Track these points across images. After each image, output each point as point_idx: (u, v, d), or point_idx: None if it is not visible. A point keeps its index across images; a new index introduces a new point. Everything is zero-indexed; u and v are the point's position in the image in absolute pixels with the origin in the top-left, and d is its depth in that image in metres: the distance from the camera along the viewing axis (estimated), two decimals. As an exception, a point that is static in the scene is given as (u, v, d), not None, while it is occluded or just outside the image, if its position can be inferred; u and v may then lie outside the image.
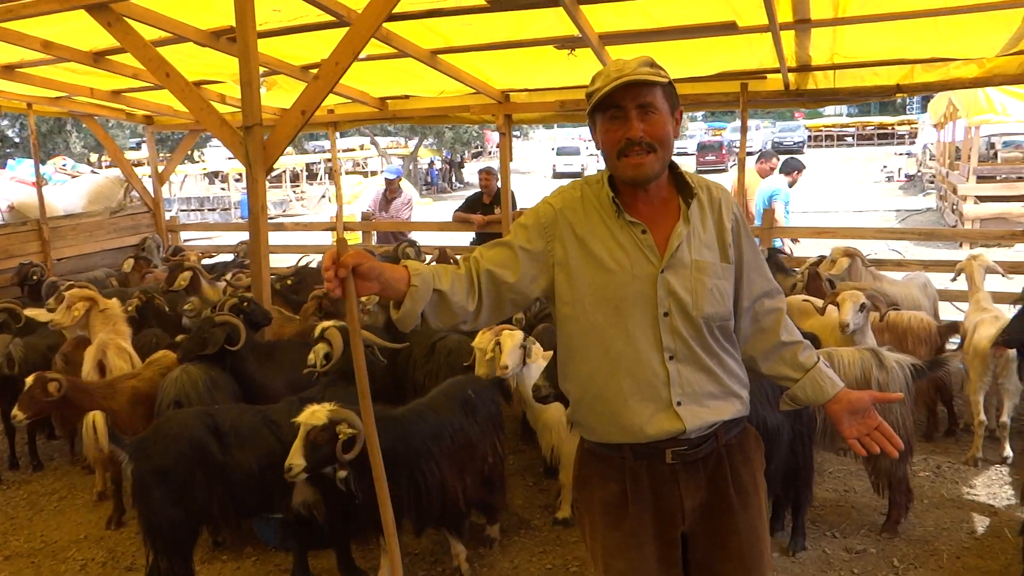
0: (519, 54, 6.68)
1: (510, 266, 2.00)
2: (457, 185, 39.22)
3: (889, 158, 36.10)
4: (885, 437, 2.05)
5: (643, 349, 1.96)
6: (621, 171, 1.97)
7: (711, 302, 1.97)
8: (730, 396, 2.04)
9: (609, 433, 2.03)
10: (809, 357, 2.11)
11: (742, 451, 2.10)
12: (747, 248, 2.08)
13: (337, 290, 1.83)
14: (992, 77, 6.67)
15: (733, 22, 5.65)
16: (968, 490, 4.53)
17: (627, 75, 1.89)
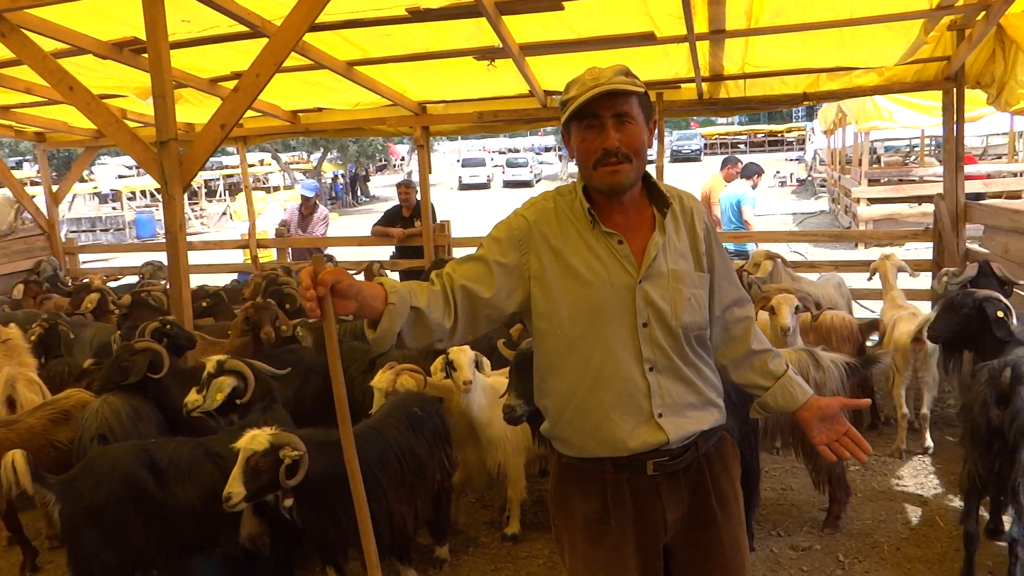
0: (437, 65, 6.61)
1: (485, 281, 1.94)
2: (363, 199, 38.71)
3: (781, 164, 37.70)
4: (854, 442, 2.04)
5: (623, 361, 1.93)
6: (597, 180, 1.94)
7: (689, 311, 1.96)
8: (708, 405, 2.03)
9: (589, 447, 1.98)
10: (779, 365, 2.12)
11: (721, 460, 2.08)
12: (718, 257, 2.08)
13: (317, 310, 1.72)
14: (891, 85, 7.03)
15: (652, 33, 5.75)
16: (897, 481, 4.70)
17: (604, 84, 1.86)
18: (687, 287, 1.97)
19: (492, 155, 45.69)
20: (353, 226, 25.80)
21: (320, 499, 3.28)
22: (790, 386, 2.08)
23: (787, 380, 2.09)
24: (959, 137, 6.76)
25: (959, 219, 6.73)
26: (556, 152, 48.79)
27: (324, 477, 3.25)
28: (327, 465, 3.28)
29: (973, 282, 4.81)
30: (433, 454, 3.83)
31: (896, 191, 16.06)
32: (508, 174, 40.33)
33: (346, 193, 37.36)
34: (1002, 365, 3.28)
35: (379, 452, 3.54)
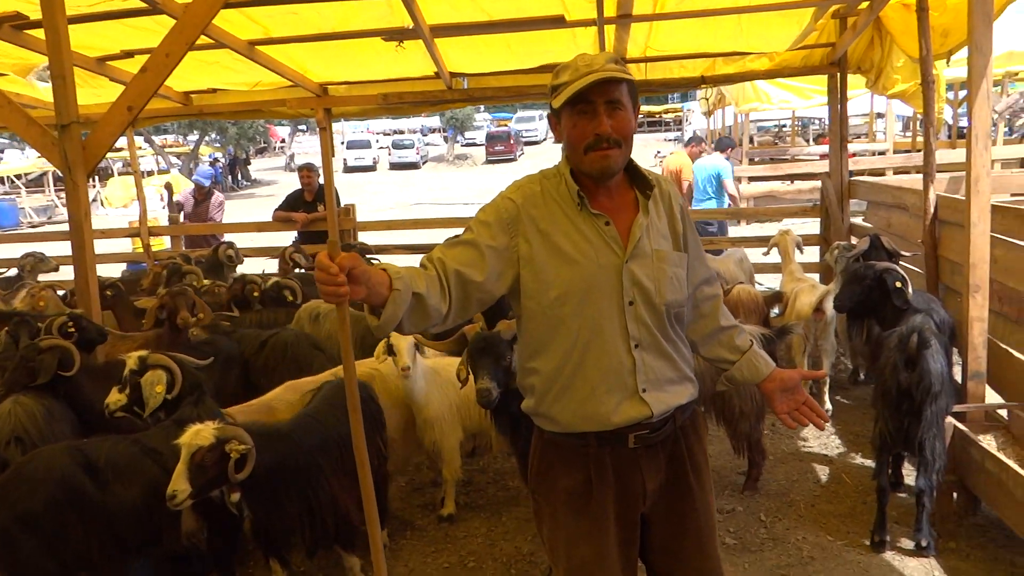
0: (342, 46, 6.47)
1: (477, 265, 1.96)
2: (244, 183, 37.35)
3: (660, 144, 38.90)
4: (811, 410, 2.18)
5: (610, 339, 1.99)
6: (587, 165, 1.99)
7: (672, 290, 2.04)
8: (685, 380, 2.12)
9: (574, 423, 2.05)
10: (744, 340, 2.24)
11: (695, 431, 2.18)
12: (691, 237, 2.17)
13: (342, 297, 1.71)
14: (781, 69, 7.40)
15: (562, 16, 5.83)
16: (803, 443, 5.03)
17: (598, 71, 1.91)
18: (669, 266, 2.05)
19: (377, 137, 44.94)
20: (235, 211, 24.86)
21: (265, 491, 3.22)
22: (755, 360, 2.21)
23: (752, 354, 2.21)
24: (843, 118, 7.20)
25: (844, 196, 7.18)
26: (442, 133, 48.54)
27: (269, 469, 3.19)
28: (271, 457, 3.22)
29: (866, 255, 5.16)
30: (370, 440, 3.81)
31: (772, 170, 16.89)
32: (394, 156, 39.84)
33: (226, 177, 35.92)
34: (909, 331, 3.57)
35: (320, 440, 3.50)
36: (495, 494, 4.60)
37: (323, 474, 3.46)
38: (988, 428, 3.98)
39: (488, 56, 6.85)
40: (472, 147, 43.90)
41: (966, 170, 3.92)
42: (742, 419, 4.23)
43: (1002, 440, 3.89)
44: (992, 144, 13.06)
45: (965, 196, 3.93)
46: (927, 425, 3.56)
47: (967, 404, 4.01)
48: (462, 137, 44.46)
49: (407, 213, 21.31)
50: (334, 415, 3.62)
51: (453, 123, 41.59)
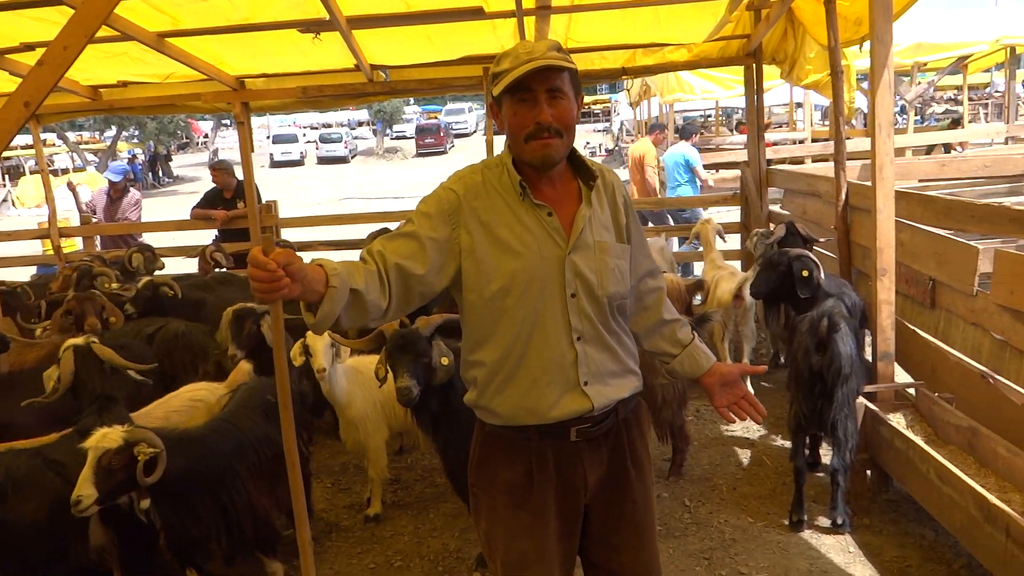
0: (258, 37, 6.29)
1: (418, 258, 1.93)
2: (165, 180, 36.25)
3: (589, 135, 39.22)
4: (750, 404, 2.20)
5: (552, 331, 1.98)
6: (528, 154, 1.96)
7: (614, 281, 2.02)
8: (628, 373, 2.11)
9: (516, 416, 2.03)
10: (686, 334, 2.24)
11: (637, 424, 2.18)
12: (634, 229, 2.15)
13: (276, 295, 1.65)
14: (699, 60, 7.52)
15: (480, 7, 5.78)
16: (726, 428, 5.13)
17: (538, 59, 1.87)
18: (612, 258, 2.02)
19: (304, 131, 44.12)
20: (157, 209, 24.10)
21: (177, 497, 3.12)
22: (696, 354, 2.22)
23: (693, 348, 2.22)
24: (759, 108, 7.36)
25: (762, 184, 7.34)
26: (371, 127, 47.94)
27: (181, 474, 3.09)
28: (183, 461, 3.12)
29: (782, 241, 5.28)
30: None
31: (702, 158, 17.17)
32: (322, 150, 39.18)
33: (146, 174, 34.79)
34: (819, 316, 3.67)
35: (235, 444, 3.41)
36: (422, 491, 4.56)
37: (239, 478, 3.38)
38: (898, 407, 4.12)
39: (408, 48, 6.77)
40: (402, 140, 43.52)
41: (871, 158, 4.03)
42: (665, 407, 4.27)
43: (911, 418, 4.03)
44: (903, 132, 13.57)
45: (871, 183, 4.05)
46: (839, 406, 3.67)
47: (877, 384, 4.14)
48: (391, 130, 44.00)
49: (335, 208, 21.00)
50: (249, 418, 3.54)
51: (382, 116, 41.11)
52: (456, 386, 3.32)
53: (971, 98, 19.98)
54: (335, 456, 5.03)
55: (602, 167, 2.12)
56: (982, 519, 2.97)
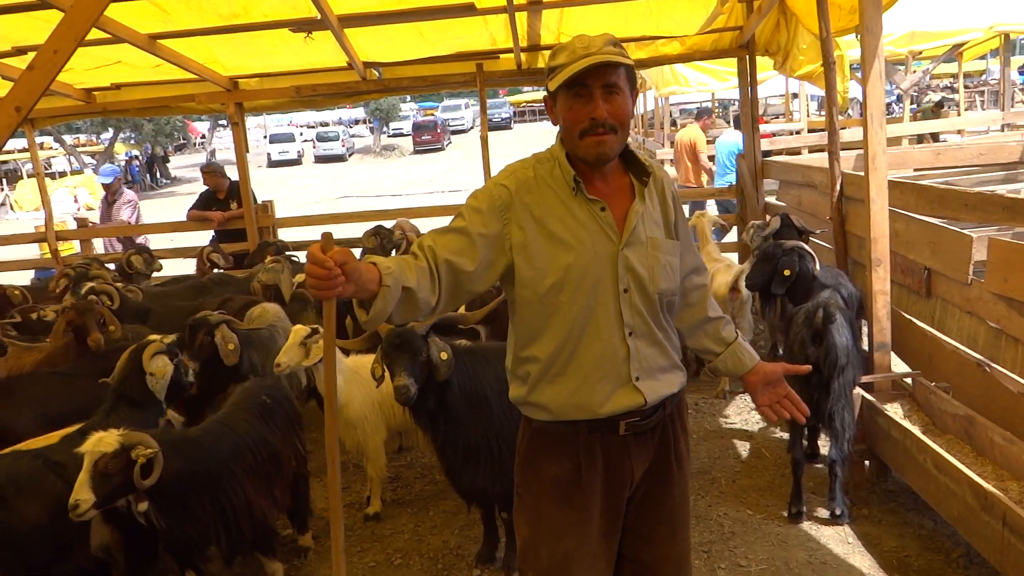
0: (251, 37, 6.29)
1: (468, 254, 1.92)
2: (163, 181, 36.21)
3: (587, 129, 39.07)
4: (793, 404, 2.17)
5: (604, 327, 1.97)
6: (583, 150, 1.95)
7: (665, 278, 2.01)
8: (675, 369, 2.11)
9: (566, 411, 2.02)
10: (730, 332, 2.24)
11: (681, 419, 2.17)
12: (682, 226, 2.14)
13: (330, 292, 1.68)
14: (692, 53, 7.50)
15: (472, 3, 5.77)
16: (724, 420, 5.13)
17: (595, 55, 1.86)
18: (663, 254, 2.02)
19: (301, 130, 44.07)
20: (155, 211, 24.08)
21: (175, 499, 3.12)
22: (740, 352, 2.21)
23: (737, 346, 2.22)
24: (754, 100, 7.35)
25: (758, 175, 7.33)
26: (367, 124, 47.89)
27: (178, 476, 3.10)
28: (181, 463, 3.13)
29: (778, 234, 5.28)
30: (287, 441, 3.74)
31: (695, 152, 17.18)
32: (319, 149, 39.14)
33: (143, 176, 34.78)
34: (815, 307, 3.67)
35: (232, 446, 3.41)
36: (422, 489, 4.57)
37: (236, 479, 3.37)
38: (895, 397, 4.12)
39: (401, 45, 6.76)
40: (399, 137, 43.44)
41: (863, 148, 4.03)
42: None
43: (907, 408, 4.03)
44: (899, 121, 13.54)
45: (864, 173, 4.04)
46: (835, 397, 3.67)
47: (874, 375, 4.14)
48: (388, 128, 43.96)
49: (333, 207, 21.00)
50: (245, 419, 3.54)
51: (378, 114, 41.07)
52: (453, 384, 3.32)
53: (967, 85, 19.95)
54: (334, 455, 5.03)
55: (652, 163, 2.09)
56: (979, 508, 2.97)
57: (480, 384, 3.41)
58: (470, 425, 3.37)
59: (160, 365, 3.57)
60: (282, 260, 6.07)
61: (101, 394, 3.63)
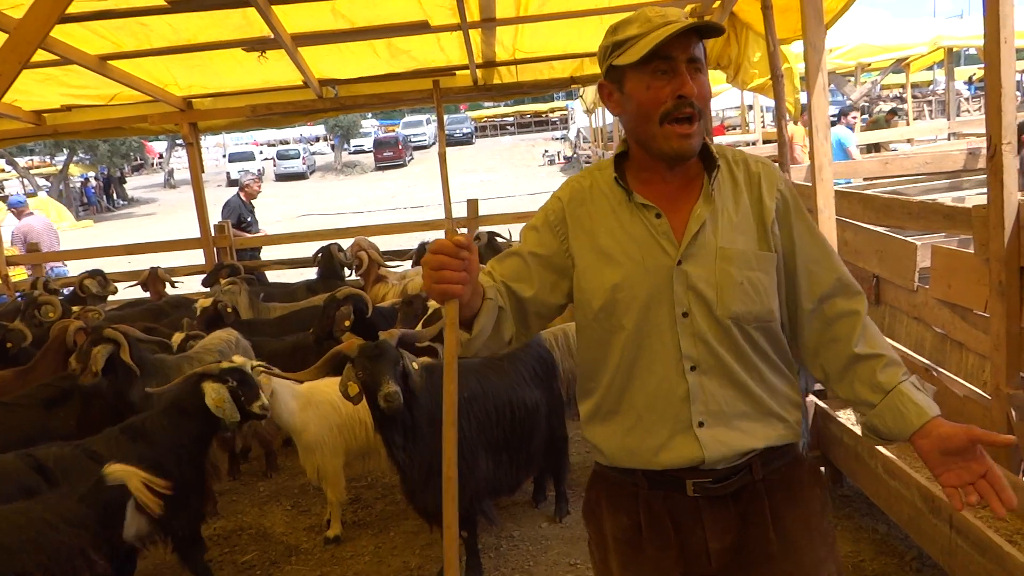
0: (203, 57, 6.25)
1: (525, 278, 1.72)
2: (120, 202, 35.65)
3: (548, 143, 39.48)
4: (994, 489, 1.51)
5: (660, 358, 1.63)
6: (662, 141, 1.60)
7: (741, 298, 1.61)
8: (769, 417, 1.66)
9: (619, 457, 1.70)
10: (891, 376, 1.64)
11: (787, 489, 1.69)
12: (802, 235, 1.69)
13: (457, 287, 1.49)
14: (646, 67, 7.59)
15: (425, 21, 5.80)
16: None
17: (679, 21, 1.54)
18: (739, 268, 1.61)
19: (262, 148, 43.73)
20: (112, 233, 23.74)
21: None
22: (901, 404, 1.61)
23: (897, 396, 1.61)
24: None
25: (713, 187, 7.43)
26: (328, 142, 47.67)
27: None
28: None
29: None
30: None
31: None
32: (280, 167, 38.88)
33: (100, 197, 34.23)
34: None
35: None
36: (383, 509, 4.53)
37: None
38: (847, 404, 4.18)
39: (355, 63, 6.76)
40: (360, 154, 43.34)
41: (810, 159, 4.12)
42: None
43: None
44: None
45: (811, 184, 4.13)
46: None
47: (827, 382, 4.20)
48: (349, 145, 43.82)
49: (293, 226, 20.83)
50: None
51: (338, 131, 40.93)
52: (421, 400, 3.32)
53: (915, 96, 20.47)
54: (294, 478, 4.98)
55: (747, 157, 1.73)
56: (927, 511, 3.03)
57: (440, 401, 3.41)
58: (433, 443, 3.36)
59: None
60: (239, 282, 6.02)
61: (44, 425, 3.71)
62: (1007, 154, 3.03)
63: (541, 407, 3.82)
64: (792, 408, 1.70)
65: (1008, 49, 2.91)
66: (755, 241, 1.64)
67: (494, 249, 6.79)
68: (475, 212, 7.92)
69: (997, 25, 2.96)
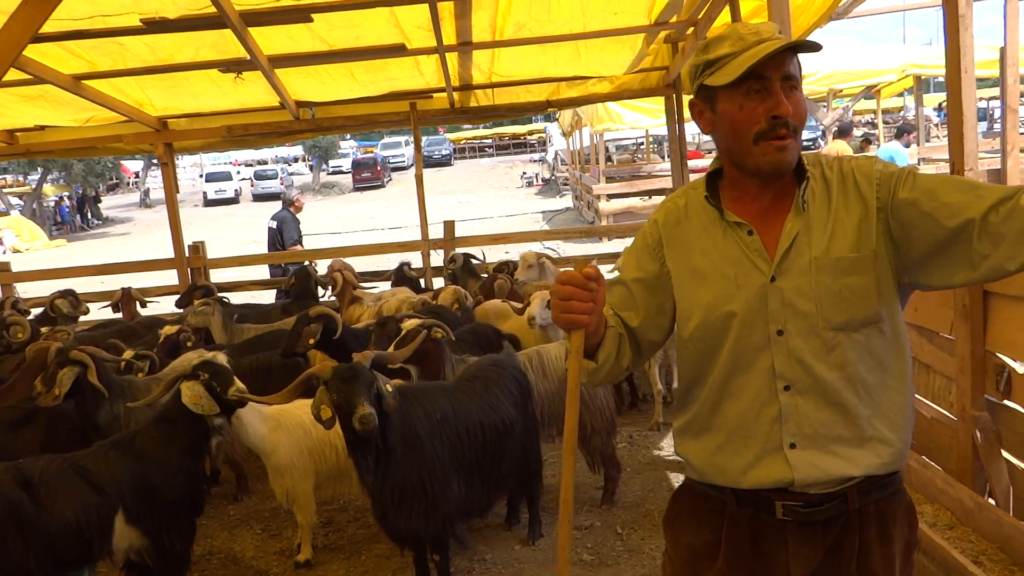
0: (179, 78, 6.25)
1: (631, 307, 1.73)
2: (95, 222, 35.30)
3: (526, 165, 39.67)
4: None
5: (753, 378, 1.61)
6: (758, 158, 1.57)
7: (843, 307, 1.56)
8: (871, 442, 1.59)
9: (709, 472, 1.69)
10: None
11: (881, 524, 1.63)
12: (919, 184, 1.56)
13: (584, 316, 1.53)
14: (621, 92, 7.71)
15: (403, 44, 5.84)
16: (659, 452, 5.19)
17: (773, 39, 1.53)
18: (834, 277, 1.57)
19: (239, 168, 43.56)
20: (85, 253, 23.49)
21: None
22: None
23: None
24: (681, 137, 7.57)
25: (688, 211, 7.51)
26: (306, 162, 47.59)
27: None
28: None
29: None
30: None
31: (630, 187, 17.56)
32: (257, 187, 38.71)
33: (74, 217, 33.89)
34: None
35: None
36: (355, 533, 4.49)
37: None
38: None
39: (332, 85, 6.79)
40: (338, 175, 43.28)
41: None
42: (594, 435, 4.31)
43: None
44: (823, 155, 14.16)
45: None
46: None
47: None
48: (327, 165, 43.77)
49: (271, 246, 20.71)
50: None
51: (317, 151, 40.87)
52: (394, 421, 3.30)
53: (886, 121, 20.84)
54: (265, 501, 4.92)
55: (840, 158, 1.68)
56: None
57: (413, 423, 3.41)
58: (406, 465, 3.35)
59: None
60: (212, 303, 5.98)
61: (6, 446, 3.72)
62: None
63: (514, 429, 3.81)
64: (899, 427, 1.62)
65: (968, 79, 2.99)
66: (852, 243, 1.58)
67: (469, 271, 6.81)
68: (451, 234, 7.94)
69: (958, 55, 3.04)
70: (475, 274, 6.81)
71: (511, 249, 10.34)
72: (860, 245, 1.57)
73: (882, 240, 1.58)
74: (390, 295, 6.55)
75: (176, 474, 3.40)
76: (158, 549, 3.35)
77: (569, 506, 1.65)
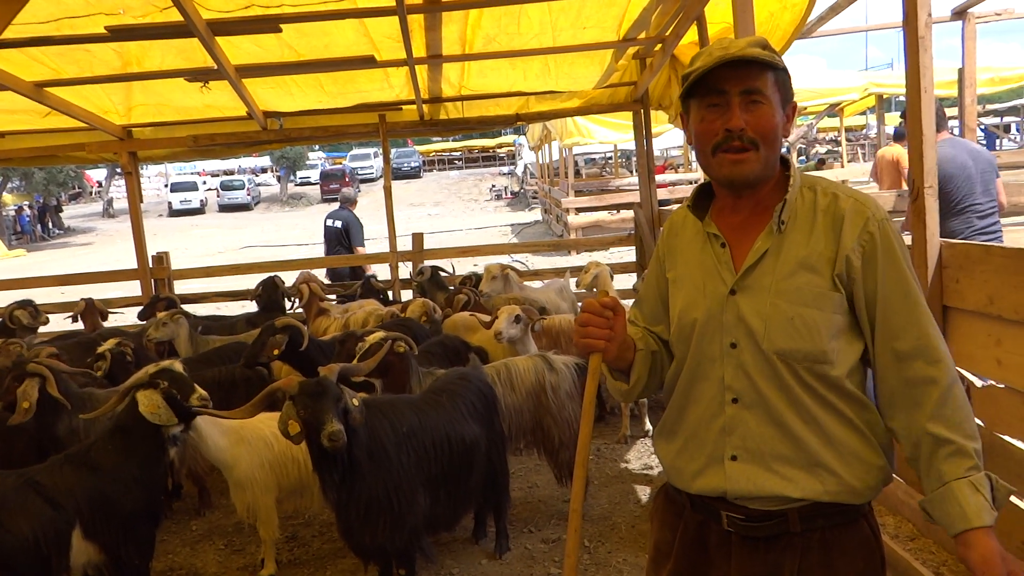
0: (145, 86, 6.19)
1: (660, 320, 1.81)
2: (56, 232, 34.65)
3: (496, 179, 39.78)
4: None
5: (706, 387, 1.66)
6: (715, 169, 1.62)
7: (789, 334, 1.56)
8: (819, 469, 1.57)
9: (671, 474, 1.76)
10: (952, 467, 1.51)
11: (825, 552, 1.59)
12: (886, 281, 1.56)
13: (601, 343, 1.62)
14: (590, 107, 7.77)
15: (372, 56, 5.84)
16: (626, 465, 5.20)
17: (733, 53, 1.55)
18: (791, 304, 1.56)
19: (205, 178, 43.11)
20: (46, 263, 23.03)
21: None
22: (949, 502, 1.50)
23: (949, 492, 1.50)
24: (649, 152, 7.64)
25: (655, 224, 7.59)
26: (274, 173, 47.22)
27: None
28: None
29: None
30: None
31: (599, 200, 17.68)
32: (224, 197, 38.38)
33: (34, 226, 33.26)
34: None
35: None
36: (319, 548, 4.43)
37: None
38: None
39: (301, 96, 6.76)
40: (306, 186, 43.03)
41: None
42: (562, 449, 4.31)
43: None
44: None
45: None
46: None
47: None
48: (295, 176, 43.49)
49: (235, 257, 20.53)
50: None
51: (285, 162, 40.60)
52: (360, 435, 3.27)
53: (849, 139, 21.25)
54: (228, 516, 4.84)
55: (839, 191, 1.63)
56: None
57: (380, 436, 3.38)
58: (372, 479, 3.31)
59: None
60: (179, 314, 5.89)
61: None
62: (929, 197, 3.17)
63: (481, 442, 3.80)
64: (857, 472, 1.57)
65: (928, 98, 3.06)
66: (822, 278, 1.57)
67: (437, 283, 6.80)
68: (420, 246, 7.92)
69: (918, 75, 3.11)
70: (443, 287, 6.79)
71: (480, 262, 10.35)
72: (832, 284, 1.57)
73: (855, 289, 1.58)
74: (357, 307, 6.51)
75: (133, 486, 3.32)
76: (116, 564, 3.28)
77: (578, 515, 1.71)
